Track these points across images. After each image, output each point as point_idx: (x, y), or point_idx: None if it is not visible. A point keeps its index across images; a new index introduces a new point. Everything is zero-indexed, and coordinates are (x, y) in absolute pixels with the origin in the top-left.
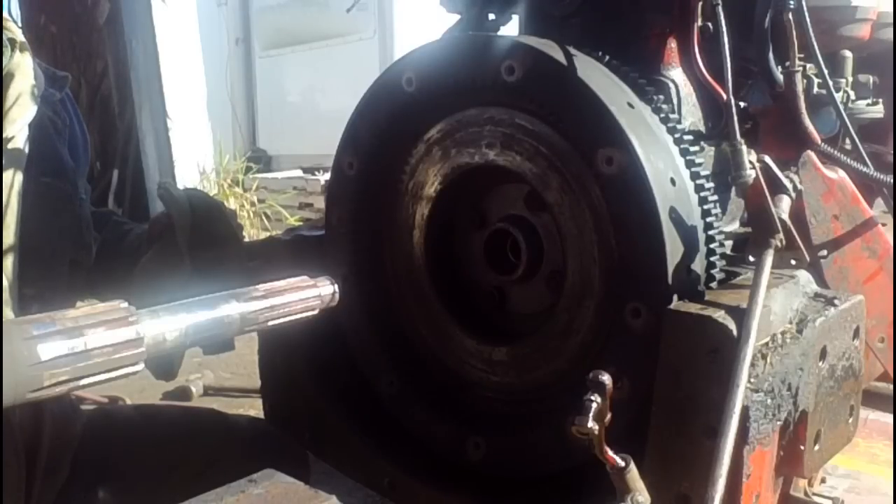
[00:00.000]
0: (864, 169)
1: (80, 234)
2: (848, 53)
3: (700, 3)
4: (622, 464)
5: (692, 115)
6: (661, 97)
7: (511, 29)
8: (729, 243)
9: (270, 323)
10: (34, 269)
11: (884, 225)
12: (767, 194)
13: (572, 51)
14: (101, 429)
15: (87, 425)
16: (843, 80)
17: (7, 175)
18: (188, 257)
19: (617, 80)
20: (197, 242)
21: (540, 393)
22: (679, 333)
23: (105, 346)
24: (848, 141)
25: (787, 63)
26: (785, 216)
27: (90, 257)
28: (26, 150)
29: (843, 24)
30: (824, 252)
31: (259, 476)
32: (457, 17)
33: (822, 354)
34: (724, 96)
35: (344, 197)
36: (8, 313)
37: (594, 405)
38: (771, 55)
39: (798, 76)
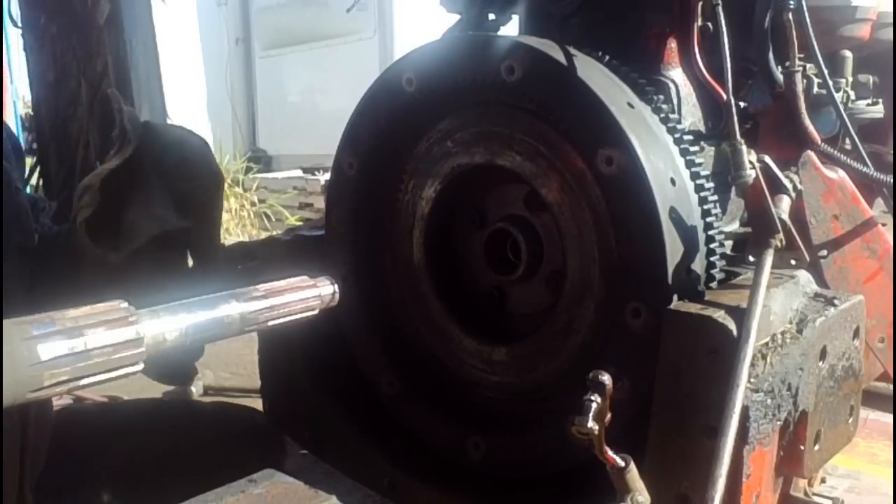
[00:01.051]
0: (864, 169)
1: (21, 220)
2: (848, 53)
3: (700, 3)
4: (622, 464)
5: (692, 115)
6: (661, 97)
7: (511, 29)
8: (729, 243)
9: (270, 323)
10: None
11: (884, 225)
12: (767, 194)
13: (572, 51)
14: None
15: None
16: (843, 80)
17: None
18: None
19: (617, 80)
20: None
21: (540, 393)
22: (679, 333)
23: (105, 346)
24: (848, 141)
25: (787, 63)
26: (785, 216)
27: (34, 242)
28: None
29: (843, 24)
30: (824, 252)
31: (259, 476)
32: (457, 17)
33: (822, 354)
34: (724, 96)
35: (344, 197)
36: None
37: (594, 405)
38: (771, 55)
39: (798, 76)
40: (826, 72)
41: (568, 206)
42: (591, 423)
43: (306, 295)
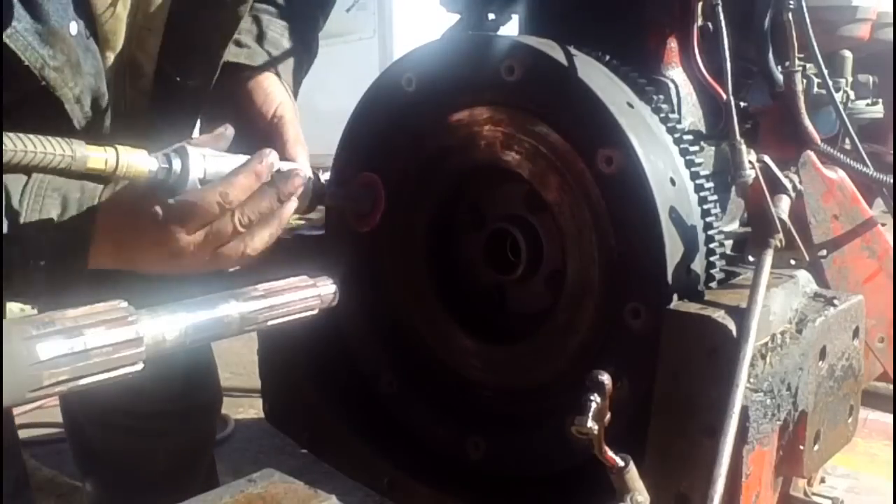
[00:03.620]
0: (864, 169)
1: None
2: (848, 53)
3: (700, 3)
4: (622, 464)
5: (692, 115)
6: (661, 97)
7: (511, 29)
8: (729, 243)
9: (270, 323)
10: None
11: (884, 225)
12: (767, 194)
13: (572, 51)
14: None
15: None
16: (843, 80)
17: None
18: None
19: (617, 80)
20: None
21: (540, 393)
22: (679, 333)
23: (104, 346)
24: (848, 141)
25: (787, 63)
26: (785, 216)
27: None
28: None
29: (843, 24)
30: (824, 252)
31: (258, 476)
32: (457, 17)
33: (822, 354)
34: (724, 96)
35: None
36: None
37: (594, 405)
38: (771, 55)
39: (798, 76)
40: (826, 72)
41: (568, 206)
42: (590, 423)
43: (306, 295)
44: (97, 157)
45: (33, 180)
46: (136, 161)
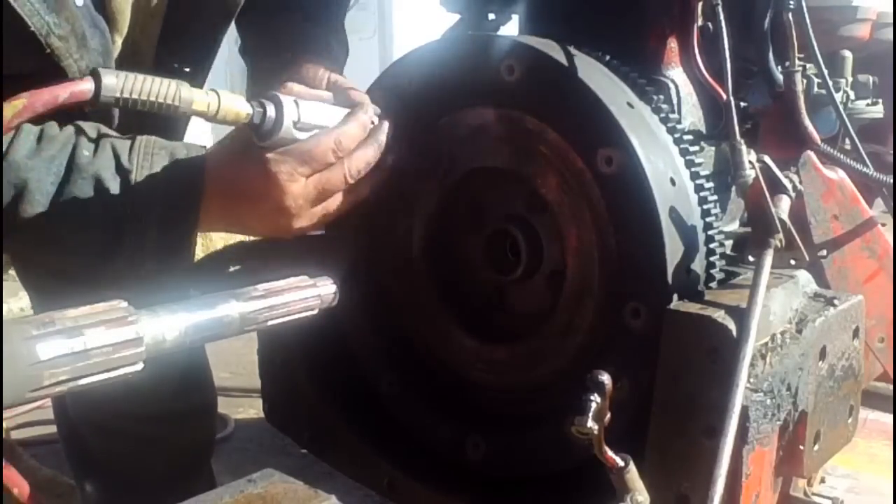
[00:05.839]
0: (864, 169)
1: None
2: (848, 53)
3: (700, 3)
4: (622, 464)
5: (692, 115)
6: (661, 97)
7: (511, 29)
8: (729, 243)
9: (270, 323)
10: None
11: (884, 225)
12: (767, 194)
13: (572, 51)
14: None
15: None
16: (843, 80)
17: None
18: None
19: (617, 80)
20: None
21: (540, 393)
22: (679, 333)
23: (104, 346)
24: (848, 141)
25: (787, 63)
26: (785, 216)
27: None
28: None
29: (843, 24)
30: (824, 252)
31: (258, 476)
32: (457, 17)
33: (822, 354)
34: (724, 96)
35: None
36: None
37: (594, 405)
38: (771, 55)
39: (798, 76)
40: (826, 72)
41: (568, 206)
42: (590, 423)
43: (306, 295)
44: (201, 99)
45: (139, 141)
46: (235, 104)
